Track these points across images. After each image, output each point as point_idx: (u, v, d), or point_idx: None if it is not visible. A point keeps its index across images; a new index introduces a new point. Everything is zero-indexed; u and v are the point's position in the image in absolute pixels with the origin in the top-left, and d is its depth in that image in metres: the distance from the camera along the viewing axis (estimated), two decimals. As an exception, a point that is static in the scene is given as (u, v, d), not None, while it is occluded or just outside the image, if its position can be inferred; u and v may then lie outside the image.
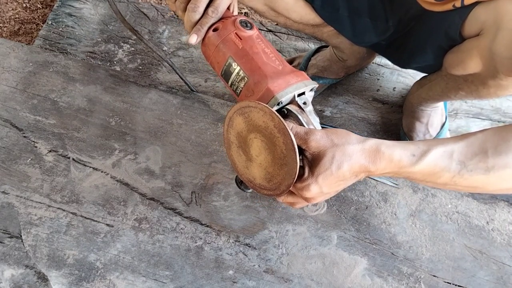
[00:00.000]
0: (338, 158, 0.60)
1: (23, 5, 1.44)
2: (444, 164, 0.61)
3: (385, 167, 0.62)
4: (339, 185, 0.62)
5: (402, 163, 0.61)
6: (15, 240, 0.81)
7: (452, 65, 0.86)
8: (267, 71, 0.66)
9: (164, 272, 0.81)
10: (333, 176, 0.60)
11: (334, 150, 0.60)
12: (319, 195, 0.63)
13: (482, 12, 0.73)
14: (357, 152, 0.61)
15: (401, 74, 1.28)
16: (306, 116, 0.65)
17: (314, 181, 0.60)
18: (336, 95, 1.25)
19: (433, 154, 0.62)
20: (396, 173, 0.63)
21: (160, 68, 1.28)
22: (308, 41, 1.35)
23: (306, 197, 0.62)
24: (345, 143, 0.61)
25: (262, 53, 0.68)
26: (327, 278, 0.83)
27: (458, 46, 0.83)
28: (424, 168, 0.62)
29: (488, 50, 0.73)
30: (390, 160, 0.61)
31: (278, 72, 0.66)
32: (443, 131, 1.14)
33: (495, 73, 0.76)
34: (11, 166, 0.89)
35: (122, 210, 0.86)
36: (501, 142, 0.61)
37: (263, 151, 0.62)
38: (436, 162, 0.62)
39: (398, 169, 0.62)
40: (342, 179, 0.61)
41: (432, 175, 0.62)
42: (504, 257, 0.86)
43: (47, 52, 1.05)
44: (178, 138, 0.95)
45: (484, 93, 0.86)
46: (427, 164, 0.61)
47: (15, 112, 0.95)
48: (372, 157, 0.61)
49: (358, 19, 0.93)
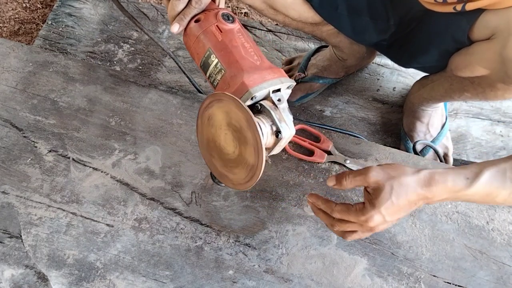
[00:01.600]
0: (397, 189, 0.65)
1: (23, 5, 1.44)
2: (498, 183, 0.64)
3: (441, 193, 0.65)
4: (400, 214, 0.66)
5: (457, 187, 0.65)
6: (15, 240, 0.81)
7: (459, 67, 0.85)
8: (244, 65, 0.65)
9: (164, 272, 0.81)
10: (394, 206, 0.65)
11: (392, 182, 0.65)
12: (382, 223, 0.67)
13: (493, 17, 0.73)
14: (413, 182, 0.65)
15: (401, 74, 1.28)
16: (279, 113, 0.65)
17: (377, 212, 0.65)
18: (336, 95, 1.25)
19: (487, 174, 0.65)
20: (454, 198, 0.66)
21: (160, 68, 1.28)
22: (308, 41, 1.35)
23: (370, 226, 0.67)
24: (401, 174, 0.66)
25: (241, 47, 0.68)
26: (327, 278, 0.83)
27: (466, 48, 0.82)
28: (480, 190, 0.65)
29: (498, 55, 0.73)
30: (445, 185, 0.65)
31: (255, 67, 0.66)
32: (443, 131, 1.14)
33: (505, 78, 0.75)
34: (11, 166, 0.89)
35: (122, 210, 0.86)
36: None
37: (233, 145, 0.63)
38: (491, 182, 0.64)
39: (454, 193, 0.65)
40: (402, 207, 0.66)
41: (489, 195, 0.65)
42: (504, 257, 0.86)
43: (47, 52, 1.05)
44: (178, 138, 0.95)
45: (491, 96, 0.86)
46: (482, 185, 0.64)
47: (15, 112, 0.95)
48: (427, 185, 0.65)
49: (358, 18, 0.93)
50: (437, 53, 0.89)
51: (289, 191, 0.91)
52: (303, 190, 0.90)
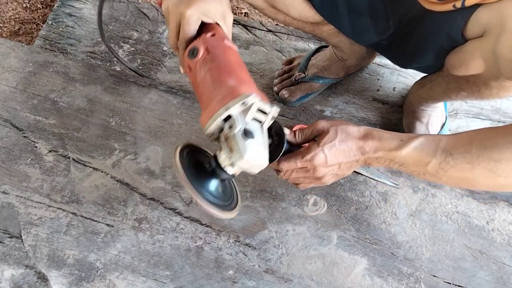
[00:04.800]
0: (340, 133, 0.71)
1: (23, 5, 1.44)
2: (430, 150, 0.67)
3: (376, 149, 0.69)
4: (340, 158, 0.71)
5: (391, 145, 0.68)
6: (15, 240, 0.81)
7: (454, 66, 0.86)
8: (202, 104, 0.68)
9: (164, 272, 0.80)
10: (336, 147, 0.70)
11: (337, 128, 0.71)
12: (324, 166, 0.71)
13: (485, 14, 0.73)
14: (354, 132, 0.71)
15: (401, 74, 1.28)
16: (230, 141, 0.65)
17: (320, 150, 0.70)
18: (336, 95, 1.25)
19: (420, 140, 0.68)
20: (389, 158, 0.70)
21: (160, 68, 1.28)
22: (308, 41, 1.35)
23: (314, 165, 0.71)
24: (344, 124, 0.73)
25: (201, 83, 0.70)
26: (327, 278, 0.82)
27: (461, 47, 0.83)
28: (411, 154, 0.67)
29: (491, 52, 0.73)
30: (380, 142, 0.69)
31: (210, 100, 0.67)
32: (443, 131, 1.14)
33: (498, 75, 0.76)
34: (11, 166, 0.89)
35: (122, 210, 0.86)
36: (487, 137, 0.64)
37: None
38: (422, 147, 0.67)
39: (389, 152, 0.69)
40: (342, 152, 0.70)
41: (421, 161, 0.67)
42: (504, 257, 0.86)
43: (47, 52, 1.05)
44: (178, 138, 0.95)
45: (486, 94, 0.87)
46: (414, 149, 0.67)
47: (15, 112, 0.95)
48: (365, 137, 0.70)
49: (358, 18, 0.93)
50: (433, 52, 0.89)
51: (289, 191, 0.91)
52: (303, 190, 0.90)
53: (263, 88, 1.26)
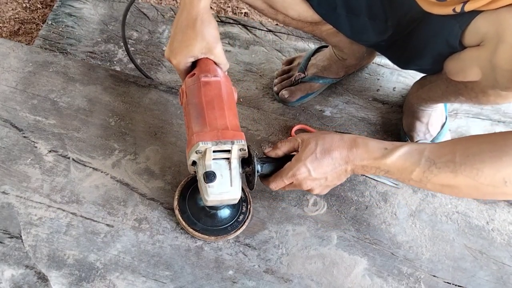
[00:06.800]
0: (321, 144, 0.71)
1: (23, 5, 1.44)
2: (414, 159, 0.67)
3: (361, 157, 0.70)
4: (324, 169, 0.71)
5: (375, 154, 0.69)
6: (15, 240, 0.82)
7: (452, 71, 0.86)
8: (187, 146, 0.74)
9: (164, 272, 0.81)
10: (318, 160, 0.70)
11: (317, 139, 0.72)
12: (309, 179, 0.72)
13: (483, 23, 0.73)
14: (337, 141, 0.71)
15: (401, 74, 1.28)
16: (200, 184, 0.74)
17: (302, 165, 0.71)
18: (336, 95, 1.25)
19: (405, 149, 0.68)
20: (374, 167, 0.70)
21: (160, 68, 1.28)
22: (308, 41, 1.35)
23: (299, 179, 0.72)
24: (326, 133, 0.73)
25: (186, 128, 0.77)
26: (327, 278, 0.83)
27: (459, 53, 0.82)
28: (396, 162, 0.68)
29: (488, 61, 0.73)
30: (365, 150, 0.70)
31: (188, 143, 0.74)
32: (443, 131, 1.14)
33: (495, 84, 0.76)
34: (11, 166, 0.89)
35: (122, 210, 0.86)
36: (471, 145, 0.65)
37: None
38: (406, 156, 0.68)
39: (373, 160, 0.69)
40: (326, 163, 0.70)
41: (405, 170, 0.68)
42: (504, 257, 0.86)
43: (47, 52, 1.05)
44: (178, 138, 0.95)
45: (483, 101, 0.87)
46: (398, 157, 0.68)
47: (15, 112, 0.95)
48: (349, 146, 0.70)
49: (356, 18, 0.93)
50: (431, 57, 0.89)
51: (289, 191, 0.91)
52: (303, 190, 0.90)
53: (263, 88, 1.26)
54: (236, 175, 0.72)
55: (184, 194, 0.85)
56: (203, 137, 0.69)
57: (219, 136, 0.69)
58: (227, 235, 0.83)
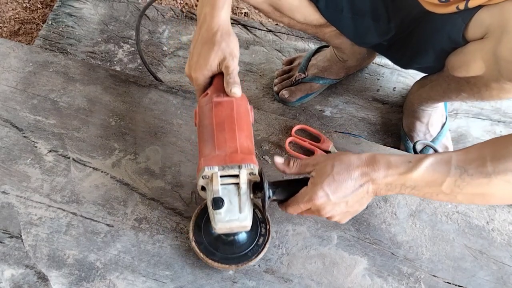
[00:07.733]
0: (337, 165, 0.64)
1: (23, 5, 1.44)
2: (442, 169, 0.62)
3: (385, 173, 0.63)
4: (343, 192, 0.64)
5: (400, 169, 0.63)
6: (15, 240, 0.82)
7: (454, 67, 0.86)
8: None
9: (164, 272, 0.81)
10: (335, 182, 0.64)
11: (332, 161, 0.65)
12: (328, 203, 0.66)
13: (487, 15, 0.73)
14: (354, 160, 0.65)
15: (401, 74, 1.28)
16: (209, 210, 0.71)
17: (319, 189, 0.64)
18: (336, 95, 1.25)
19: (431, 160, 0.63)
20: (399, 183, 0.64)
21: (160, 68, 1.28)
22: (308, 41, 1.35)
23: (317, 205, 0.66)
24: (341, 154, 0.67)
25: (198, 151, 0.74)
26: (327, 278, 0.83)
27: (462, 48, 0.82)
28: (424, 174, 0.62)
29: (492, 53, 0.73)
30: (388, 165, 0.63)
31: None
32: (443, 131, 1.14)
33: (499, 77, 0.76)
34: (11, 166, 0.89)
35: (122, 210, 0.86)
36: (499, 149, 0.61)
37: None
38: (434, 167, 0.62)
39: (398, 176, 0.63)
40: (345, 185, 0.64)
41: (434, 182, 0.62)
42: (504, 257, 0.86)
43: (47, 52, 1.05)
44: (178, 138, 0.95)
45: (486, 95, 0.86)
46: (426, 169, 0.62)
47: (15, 112, 0.95)
48: (370, 164, 0.64)
49: (361, 20, 0.93)
50: (434, 53, 0.89)
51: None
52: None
53: (263, 88, 1.26)
54: (246, 201, 0.68)
55: (199, 224, 0.81)
56: (209, 161, 0.66)
57: (226, 160, 0.66)
58: (248, 261, 0.78)
